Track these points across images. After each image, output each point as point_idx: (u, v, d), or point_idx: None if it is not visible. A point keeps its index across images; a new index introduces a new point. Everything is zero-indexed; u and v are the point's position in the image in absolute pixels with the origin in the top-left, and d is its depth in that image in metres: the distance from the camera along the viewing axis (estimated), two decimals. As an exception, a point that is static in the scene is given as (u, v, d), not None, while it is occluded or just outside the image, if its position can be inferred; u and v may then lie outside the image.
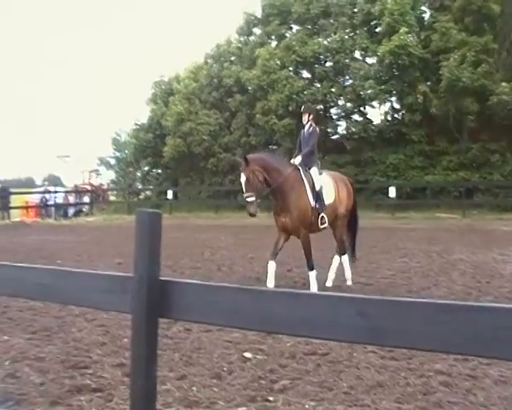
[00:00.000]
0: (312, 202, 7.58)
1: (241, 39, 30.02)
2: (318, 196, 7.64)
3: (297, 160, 7.83)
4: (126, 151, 32.36)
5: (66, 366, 4.66)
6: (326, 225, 7.74)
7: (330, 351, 4.93)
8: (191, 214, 24.50)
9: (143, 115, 32.12)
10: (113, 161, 34.06)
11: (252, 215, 7.31)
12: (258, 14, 29.01)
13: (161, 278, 1.91)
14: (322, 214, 7.61)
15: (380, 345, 1.80)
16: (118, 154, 33.37)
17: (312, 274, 7.62)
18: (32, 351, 5.10)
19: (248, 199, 7.25)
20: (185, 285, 1.89)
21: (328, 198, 7.80)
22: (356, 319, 1.49)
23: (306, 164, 7.83)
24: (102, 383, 4.26)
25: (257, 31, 29.64)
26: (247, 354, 4.93)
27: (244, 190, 7.30)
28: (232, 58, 29.17)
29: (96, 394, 4.09)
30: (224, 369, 4.55)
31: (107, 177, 33.91)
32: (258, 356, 4.90)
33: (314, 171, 7.83)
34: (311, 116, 8.24)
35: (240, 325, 1.89)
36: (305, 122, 8.24)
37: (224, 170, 27.33)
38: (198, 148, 27.50)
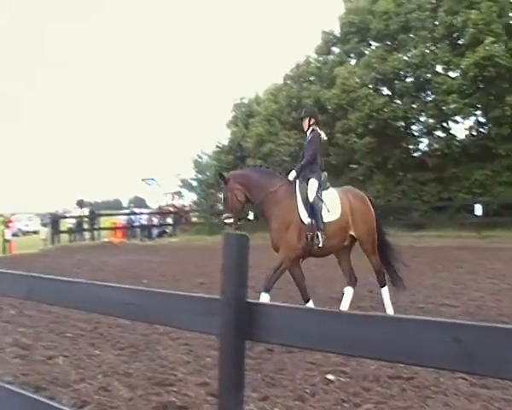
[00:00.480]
0: (306, 219, 6.61)
1: (320, 59, 30.07)
2: (313, 209, 6.65)
3: (291, 175, 6.91)
4: (208, 173, 33.08)
5: (153, 383, 4.80)
6: (320, 244, 6.59)
7: (416, 375, 4.75)
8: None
9: (224, 137, 32.84)
10: (194, 183, 34.93)
11: None
12: (337, 32, 29.00)
13: (248, 301, 1.93)
14: (318, 232, 6.56)
15: (475, 374, 1.71)
16: (200, 176, 34.18)
17: (263, 296, 6.59)
18: (121, 366, 5.31)
19: (225, 220, 6.65)
20: (272, 308, 1.90)
21: (332, 214, 6.72)
22: (450, 345, 1.44)
23: (304, 176, 6.89)
24: (187, 401, 4.35)
25: (335, 49, 29.59)
26: (330, 377, 4.86)
27: (223, 210, 6.80)
28: (311, 78, 29.25)
29: (181, 411, 4.19)
30: (307, 391, 4.51)
31: (189, 198, 34.86)
32: (341, 378, 4.82)
33: (311, 182, 6.81)
34: (313, 121, 7.21)
35: (326, 348, 1.87)
36: (305, 129, 7.26)
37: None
38: (278, 168, 27.58)
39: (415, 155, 26.47)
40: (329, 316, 1.77)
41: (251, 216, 26.76)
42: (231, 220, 6.62)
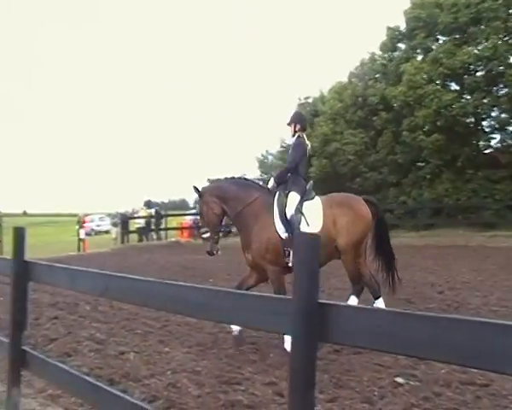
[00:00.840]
0: (283, 234, 6.19)
1: (385, 55, 29.47)
2: (290, 224, 6.21)
3: (270, 183, 6.61)
4: (273, 173, 32.94)
5: (220, 381, 4.86)
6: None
7: (491, 382, 4.57)
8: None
9: (289, 137, 32.72)
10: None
11: (209, 254, 6.48)
12: (402, 28, 28.33)
13: (320, 301, 1.92)
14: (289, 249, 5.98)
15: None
16: (265, 176, 34.25)
17: None
18: (189, 364, 5.42)
19: (203, 235, 6.50)
20: (345, 309, 1.88)
21: (311, 228, 6.14)
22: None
23: (286, 187, 6.49)
24: (254, 401, 4.38)
25: (401, 45, 28.89)
26: (399, 380, 4.76)
27: (200, 224, 6.57)
28: (376, 75, 28.72)
29: (249, 410, 4.22)
30: (375, 394, 4.44)
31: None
32: (410, 382, 4.71)
33: (292, 196, 6.37)
34: (298, 127, 6.76)
35: (399, 350, 1.83)
36: (291, 136, 6.91)
37: (370, 189, 26.89)
38: (343, 168, 27.37)
39: (486, 151, 25.46)
40: (403, 317, 1.73)
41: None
42: (208, 235, 6.41)
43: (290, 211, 6.25)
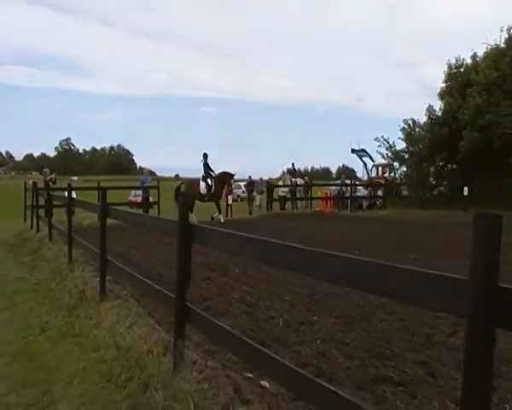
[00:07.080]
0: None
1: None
2: None
3: None
4: (420, 145, 31.49)
5: (370, 355, 4.84)
6: None
7: None
8: (489, 212, 22.69)
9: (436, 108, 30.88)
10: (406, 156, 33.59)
11: None
12: None
13: (500, 285, 1.81)
14: None
15: None
16: (411, 148, 32.79)
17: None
18: (337, 335, 5.46)
19: None
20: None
21: None
22: None
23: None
24: (405, 379, 4.31)
25: None
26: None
27: None
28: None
29: (399, 388, 4.16)
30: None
31: (399, 171, 33.67)
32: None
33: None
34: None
35: None
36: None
37: (528, 166, 24.68)
38: (498, 142, 25.29)
39: None
40: None
41: (465, 192, 25.12)
42: None
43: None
